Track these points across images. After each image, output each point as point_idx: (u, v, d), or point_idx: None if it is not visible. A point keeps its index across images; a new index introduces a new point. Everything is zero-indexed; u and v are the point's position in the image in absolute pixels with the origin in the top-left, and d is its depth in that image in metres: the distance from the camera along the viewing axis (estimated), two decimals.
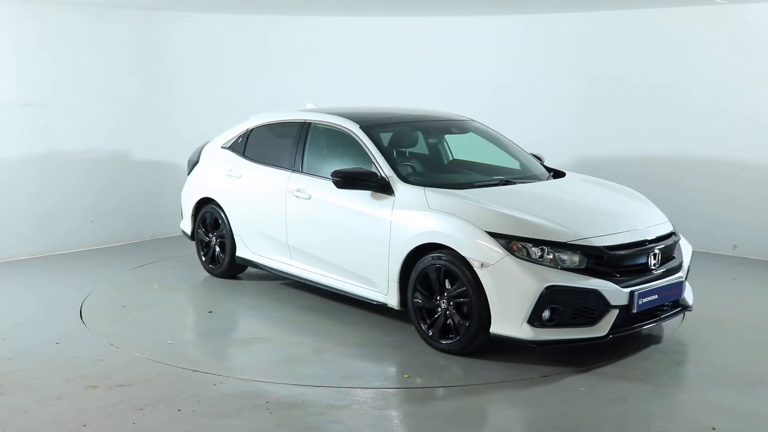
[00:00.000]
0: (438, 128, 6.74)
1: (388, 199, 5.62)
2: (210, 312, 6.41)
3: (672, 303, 5.42)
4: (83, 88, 8.32)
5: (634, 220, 5.47)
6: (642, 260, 5.18)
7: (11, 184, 7.92)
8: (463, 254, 5.08)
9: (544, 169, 6.39)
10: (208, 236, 7.26)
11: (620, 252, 5.08)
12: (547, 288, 4.82)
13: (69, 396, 4.64)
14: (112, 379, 4.87)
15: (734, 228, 8.07)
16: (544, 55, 9.23)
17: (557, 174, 6.32)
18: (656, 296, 5.15)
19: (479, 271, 5.00)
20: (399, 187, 5.63)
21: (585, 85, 8.96)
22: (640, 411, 4.46)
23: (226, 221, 7.00)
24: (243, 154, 6.97)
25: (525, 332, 4.88)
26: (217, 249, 7.17)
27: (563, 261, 4.94)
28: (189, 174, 7.53)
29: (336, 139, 6.38)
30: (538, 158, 6.63)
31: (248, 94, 9.37)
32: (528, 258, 4.93)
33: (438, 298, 5.28)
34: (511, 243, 4.96)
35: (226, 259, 7.08)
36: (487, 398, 4.63)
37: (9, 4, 7.74)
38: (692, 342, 5.57)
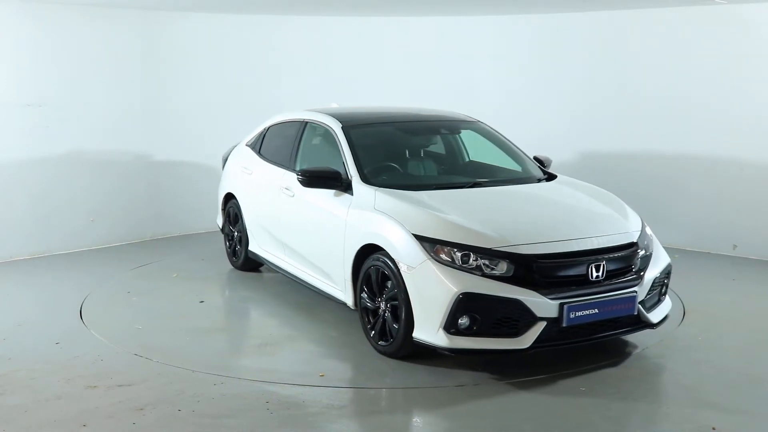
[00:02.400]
0: (429, 128, 6.70)
1: (347, 199, 5.65)
2: (201, 302, 6.57)
3: (628, 319, 5.03)
4: (83, 88, 8.31)
5: (588, 228, 5.13)
6: (580, 271, 4.85)
7: (11, 184, 7.92)
8: (392, 256, 5.05)
9: (539, 171, 6.25)
10: (232, 230, 7.50)
11: (551, 261, 4.81)
12: (463, 295, 4.66)
13: (69, 396, 4.64)
14: (112, 379, 4.87)
15: (734, 228, 8.06)
16: (545, 55, 9.23)
17: (550, 177, 6.18)
18: (596, 310, 4.82)
19: (404, 274, 4.94)
20: (357, 187, 5.65)
21: (585, 85, 8.96)
22: (640, 411, 4.46)
23: (241, 216, 7.22)
24: (258, 152, 7.17)
25: (441, 339, 4.74)
26: (237, 243, 7.41)
27: (490, 268, 4.76)
28: (223, 170, 7.81)
29: (324, 139, 6.45)
30: (541, 161, 6.46)
31: (249, 95, 9.37)
32: (451, 263, 4.79)
33: (378, 299, 5.26)
34: (436, 247, 4.86)
35: (243, 253, 7.29)
36: (482, 399, 4.63)
37: (9, 4, 7.74)
38: (692, 342, 5.57)
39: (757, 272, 7.49)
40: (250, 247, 7.14)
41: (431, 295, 4.78)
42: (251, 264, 7.32)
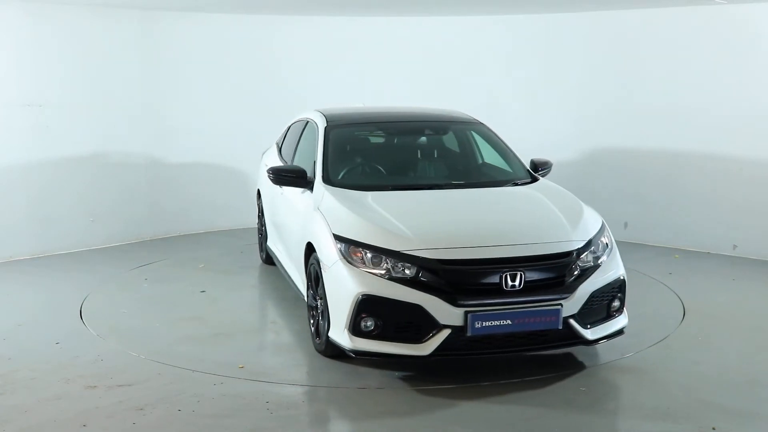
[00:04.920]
0: (417, 129, 6.61)
1: (309, 198, 5.69)
2: (202, 292, 6.83)
3: (558, 333, 4.75)
4: (84, 88, 8.32)
5: (513, 236, 4.88)
6: (492, 279, 4.63)
7: (11, 184, 7.92)
8: (318, 255, 5.09)
9: (523, 174, 6.01)
10: (261, 225, 7.77)
11: (457, 267, 4.64)
12: (364, 296, 4.61)
13: (69, 396, 4.64)
14: (112, 379, 4.87)
15: (734, 228, 8.06)
16: (546, 55, 9.23)
17: (534, 180, 5.96)
18: (509, 321, 4.60)
19: (323, 274, 4.97)
20: (316, 185, 5.69)
21: (585, 85, 8.96)
22: (640, 411, 4.45)
23: (263, 212, 7.53)
24: (279, 150, 7.35)
25: (345, 340, 4.73)
26: (265, 238, 7.65)
27: (399, 271, 4.66)
28: None
29: (315, 137, 6.46)
30: (537, 164, 6.22)
31: (249, 95, 9.36)
32: (362, 264, 4.73)
33: (317, 298, 5.26)
34: (350, 247, 4.82)
35: (265, 247, 7.56)
36: (486, 399, 4.63)
37: (9, 4, 7.74)
38: (692, 342, 5.57)
39: (757, 272, 7.49)
40: (268, 242, 7.36)
41: (339, 295, 4.78)
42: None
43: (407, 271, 4.66)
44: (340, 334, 4.79)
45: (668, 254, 8.12)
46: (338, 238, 4.90)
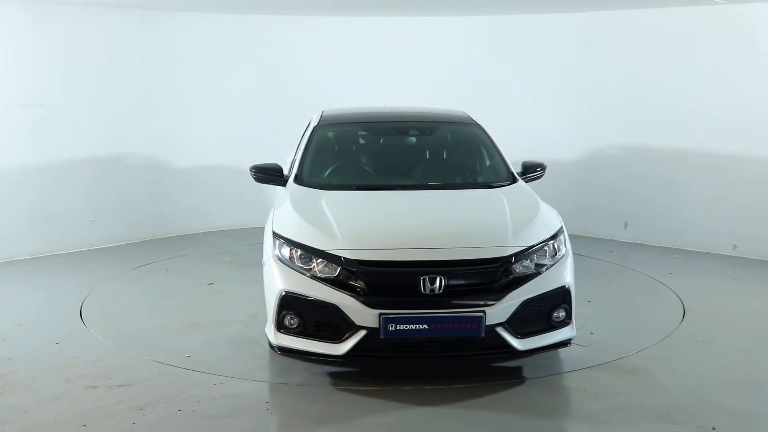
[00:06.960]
0: (405, 129, 6.54)
1: (282, 196, 5.70)
2: (210, 284, 7.02)
3: (483, 341, 4.57)
4: (83, 87, 8.32)
5: (441, 239, 4.77)
6: (410, 282, 4.54)
7: (11, 183, 7.92)
8: (264, 252, 5.17)
9: (503, 176, 5.79)
10: None
11: (374, 268, 4.58)
12: (286, 293, 4.67)
13: (69, 396, 4.64)
14: (112, 379, 4.88)
15: (734, 228, 8.07)
16: (545, 55, 9.22)
17: (514, 182, 5.77)
18: (425, 326, 4.49)
19: (263, 269, 5.04)
20: (287, 184, 5.75)
21: (585, 85, 8.96)
22: (641, 411, 4.45)
23: None
24: (296, 147, 7.24)
25: (271, 335, 4.79)
26: None
27: (325, 270, 4.66)
28: None
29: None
30: (527, 167, 6.03)
31: (249, 94, 9.36)
32: (290, 262, 4.77)
33: None
34: (283, 245, 4.85)
35: None
36: (484, 400, 4.62)
37: (9, 4, 7.74)
38: (692, 342, 5.57)
39: (757, 272, 7.49)
40: None
41: (270, 291, 4.85)
42: None
43: (332, 270, 4.66)
44: (268, 329, 4.86)
45: (668, 254, 8.12)
46: (275, 235, 4.96)
